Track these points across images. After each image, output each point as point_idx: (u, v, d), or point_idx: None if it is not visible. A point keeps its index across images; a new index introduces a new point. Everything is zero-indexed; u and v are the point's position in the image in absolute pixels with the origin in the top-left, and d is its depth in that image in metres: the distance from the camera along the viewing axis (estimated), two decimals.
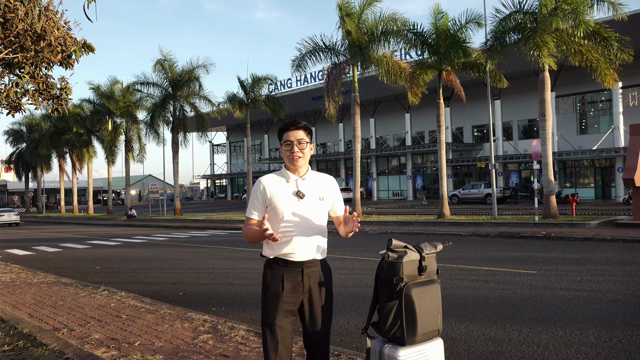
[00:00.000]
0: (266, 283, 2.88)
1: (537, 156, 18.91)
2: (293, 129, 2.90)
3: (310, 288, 2.85)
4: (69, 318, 6.22)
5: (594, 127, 38.01)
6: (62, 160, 50.25)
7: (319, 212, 2.88)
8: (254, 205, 2.89)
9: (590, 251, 11.54)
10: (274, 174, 2.95)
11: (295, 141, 2.86)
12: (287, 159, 2.89)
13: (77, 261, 13.30)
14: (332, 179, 3.05)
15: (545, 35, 17.50)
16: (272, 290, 2.83)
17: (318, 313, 2.86)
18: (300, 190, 2.85)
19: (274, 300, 2.81)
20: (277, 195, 2.84)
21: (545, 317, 5.95)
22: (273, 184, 2.89)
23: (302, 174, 2.91)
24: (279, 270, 2.85)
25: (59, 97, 10.18)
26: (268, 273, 2.88)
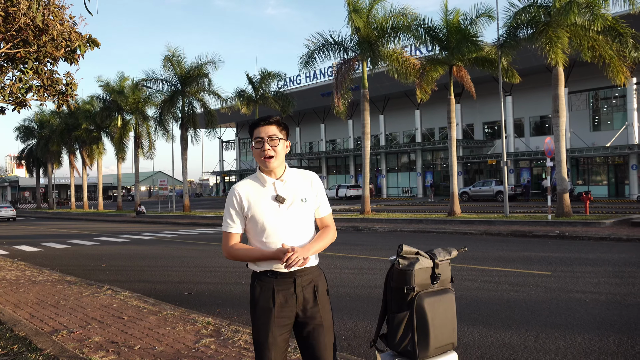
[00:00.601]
0: (255, 297, 2.57)
1: (551, 153, 18.54)
2: (264, 125, 2.57)
3: (305, 299, 2.56)
4: (69, 319, 6.07)
5: (607, 124, 37.41)
6: (72, 157, 50.44)
7: (303, 215, 2.59)
8: (231, 217, 2.58)
9: (606, 251, 11.24)
10: (248, 179, 2.64)
11: (266, 137, 2.55)
12: (258, 158, 2.58)
13: (84, 258, 13.21)
14: (314, 175, 2.72)
15: (559, 30, 17.11)
16: (262, 306, 2.54)
17: (318, 326, 2.57)
18: (280, 195, 2.57)
19: (265, 316, 2.53)
20: (255, 204, 2.55)
21: (562, 322, 5.71)
22: (249, 190, 2.58)
23: (279, 175, 2.61)
24: (269, 283, 2.54)
25: (64, 93, 10.05)
26: (257, 286, 2.57)
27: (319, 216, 2.72)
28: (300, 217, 2.58)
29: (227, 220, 2.60)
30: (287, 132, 2.67)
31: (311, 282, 2.59)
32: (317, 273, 2.64)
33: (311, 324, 2.56)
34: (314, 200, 2.66)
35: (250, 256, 2.55)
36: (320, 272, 2.68)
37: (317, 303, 2.58)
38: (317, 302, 2.59)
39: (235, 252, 2.57)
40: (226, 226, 2.60)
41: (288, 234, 2.54)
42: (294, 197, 2.59)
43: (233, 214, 2.58)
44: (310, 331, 2.56)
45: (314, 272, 2.63)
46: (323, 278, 2.68)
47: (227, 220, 2.60)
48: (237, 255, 2.57)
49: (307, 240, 2.59)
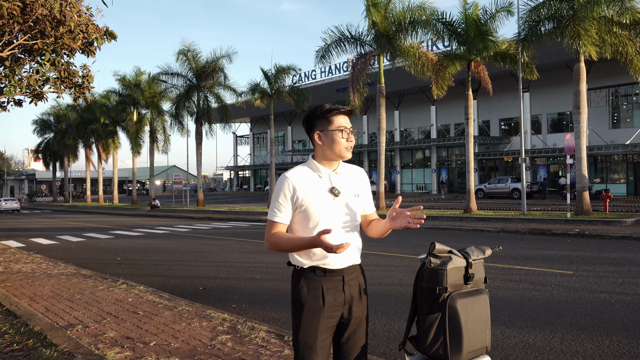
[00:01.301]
0: (301, 298, 2.41)
1: (571, 150, 18.20)
2: (345, 112, 2.48)
3: (352, 298, 2.45)
4: (85, 313, 6.02)
5: (627, 121, 36.75)
6: (88, 150, 50.87)
7: (354, 210, 2.49)
8: (281, 207, 2.42)
9: (628, 250, 10.97)
10: (302, 168, 2.49)
11: (349, 128, 2.47)
12: (340, 148, 2.44)
13: (99, 252, 13.23)
14: (364, 172, 2.65)
15: (587, 22, 16.69)
16: (310, 306, 2.39)
17: (358, 327, 2.47)
18: (335, 187, 2.45)
19: (314, 316, 2.38)
20: (310, 195, 2.40)
21: (587, 324, 5.52)
22: (304, 180, 2.43)
23: (335, 167, 2.50)
24: (317, 282, 2.41)
25: (80, 85, 10.02)
26: (303, 286, 2.41)
27: (366, 213, 2.62)
28: (351, 211, 2.48)
29: (275, 208, 2.44)
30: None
31: (357, 279, 2.51)
32: (360, 271, 2.56)
33: (354, 324, 2.47)
34: (364, 196, 2.58)
35: (294, 244, 2.38)
36: (361, 269, 2.59)
37: (362, 301, 2.50)
38: (362, 300, 2.50)
39: (276, 239, 2.41)
40: (272, 214, 2.44)
41: (340, 228, 2.43)
42: (348, 191, 2.49)
43: (282, 203, 2.42)
44: (353, 331, 2.47)
45: (358, 269, 2.54)
46: (364, 276, 2.59)
47: (274, 208, 2.44)
48: (278, 243, 2.40)
49: (356, 235, 2.51)
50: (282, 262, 10.47)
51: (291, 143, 61.65)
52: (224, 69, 32.24)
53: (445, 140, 43.17)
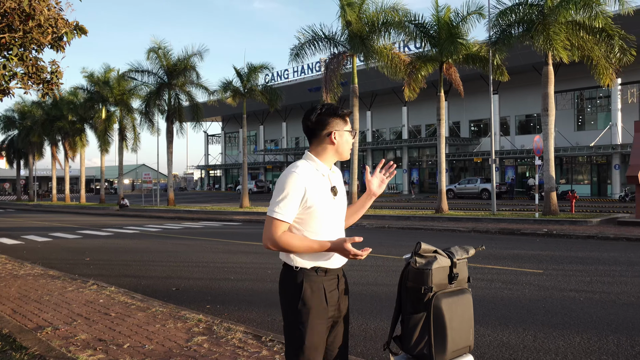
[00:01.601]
0: (306, 299, 2.34)
1: (539, 151, 18.61)
2: (348, 115, 2.52)
3: (340, 296, 2.47)
4: (54, 315, 5.85)
5: (591, 124, 37.82)
6: (54, 148, 49.58)
7: (345, 208, 2.56)
8: (289, 204, 2.32)
9: (594, 250, 11.27)
10: (308, 166, 2.42)
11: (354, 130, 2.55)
12: (344, 147, 2.47)
13: (67, 252, 12.90)
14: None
15: (556, 27, 17.06)
16: (316, 308, 2.34)
17: (342, 325, 2.50)
18: (335, 186, 2.47)
19: (320, 319, 2.35)
20: (318, 194, 2.36)
21: (558, 321, 5.65)
22: (313, 179, 2.38)
23: (331, 166, 2.51)
24: (319, 282, 2.38)
25: (49, 82, 9.73)
26: (307, 287, 2.35)
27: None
28: (344, 209, 2.54)
29: (282, 206, 2.31)
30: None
31: (343, 277, 2.54)
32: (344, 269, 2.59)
33: (340, 321, 2.50)
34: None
35: (308, 246, 2.33)
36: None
37: (346, 299, 2.53)
38: (346, 298, 2.54)
39: (288, 241, 2.31)
40: (279, 213, 2.31)
41: (338, 226, 2.48)
42: (341, 189, 2.53)
43: (293, 202, 2.32)
44: (339, 329, 2.50)
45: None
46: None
47: (282, 206, 2.31)
48: (290, 244, 2.30)
49: (344, 232, 2.54)
50: (256, 262, 10.40)
51: (263, 142, 61.36)
52: (196, 67, 31.85)
53: (417, 141, 43.64)
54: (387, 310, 6.27)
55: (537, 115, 39.03)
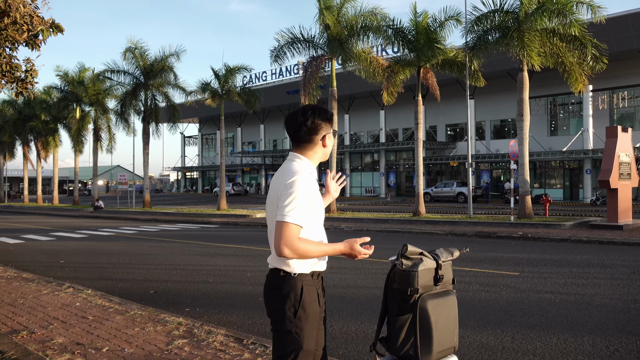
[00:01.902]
0: (305, 304, 2.34)
1: (515, 156, 18.92)
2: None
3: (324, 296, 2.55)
4: (29, 318, 5.72)
5: (564, 129, 38.63)
6: (26, 148, 48.46)
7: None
8: (305, 209, 2.30)
9: (568, 252, 11.51)
10: (307, 168, 2.43)
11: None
12: (329, 150, 2.57)
13: (40, 254, 12.63)
14: None
15: (532, 33, 17.41)
16: (313, 312, 2.37)
17: (323, 325, 2.52)
18: (321, 188, 2.55)
19: (315, 322, 2.39)
20: (317, 196, 2.40)
21: (535, 323, 5.75)
22: (313, 181, 2.39)
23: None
24: (314, 286, 2.41)
25: (23, 80, 9.54)
26: (306, 294, 2.35)
27: None
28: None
29: (301, 211, 2.27)
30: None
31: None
32: None
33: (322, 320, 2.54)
34: None
35: (323, 251, 2.34)
36: None
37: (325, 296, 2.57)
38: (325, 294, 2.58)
39: (306, 247, 2.27)
40: (294, 217, 2.25)
41: (323, 228, 2.52)
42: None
43: (304, 204, 2.29)
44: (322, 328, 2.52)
45: None
46: None
47: (302, 211, 2.27)
48: (307, 250, 2.27)
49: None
50: (234, 265, 10.34)
51: (241, 144, 61.06)
52: (173, 67, 31.50)
53: (394, 145, 43.96)
54: (368, 313, 6.30)
55: (512, 120, 39.73)
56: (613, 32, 28.62)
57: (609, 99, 35.48)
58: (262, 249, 12.71)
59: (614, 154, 15.91)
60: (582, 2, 17.11)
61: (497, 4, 18.62)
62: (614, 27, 28.40)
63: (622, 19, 29.20)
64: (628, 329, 5.46)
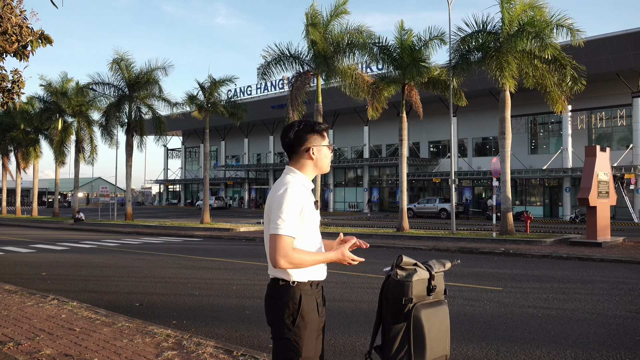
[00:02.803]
0: (304, 313, 2.41)
1: (497, 173, 19.23)
2: (326, 130, 2.65)
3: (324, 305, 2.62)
4: (14, 330, 5.67)
5: (544, 148, 39.34)
6: (5, 159, 47.71)
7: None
8: (294, 220, 2.37)
9: (549, 268, 11.71)
10: (298, 180, 2.52)
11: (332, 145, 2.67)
12: (324, 162, 2.61)
13: (21, 266, 12.45)
14: None
15: (509, 56, 17.89)
16: (312, 320, 2.42)
17: (322, 334, 2.58)
18: (317, 201, 2.62)
19: (314, 331, 2.44)
20: (310, 208, 2.47)
21: (519, 336, 5.87)
22: (305, 193, 2.47)
23: (311, 180, 2.66)
24: (313, 295, 2.48)
25: (9, 91, 9.51)
26: (305, 302, 2.41)
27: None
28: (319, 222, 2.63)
29: (291, 222, 2.35)
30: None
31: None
32: None
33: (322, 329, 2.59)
34: None
35: (315, 259, 2.41)
36: None
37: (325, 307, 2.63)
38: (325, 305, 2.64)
39: (301, 257, 2.35)
40: (288, 229, 2.34)
41: (320, 238, 2.58)
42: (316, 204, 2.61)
43: (293, 216, 2.36)
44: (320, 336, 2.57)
45: None
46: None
47: (291, 222, 2.35)
48: (301, 260, 2.35)
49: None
50: (220, 278, 10.32)
51: (224, 158, 60.92)
52: (159, 80, 31.45)
53: (377, 160, 44.29)
54: (355, 326, 6.36)
55: (493, 137, 40.36)
56: (591, 55, 29.40)
57: (588, 119, 36.29)
58: (246, 263, 12.70)
59: (592, 172, 16.28)
60: (562, 25, 17.59)
61: (480, 25, 19.07)
62: (592, 50, 29.18)
63: (600, 42, 30.03)
64: (609, 343, 5.60)
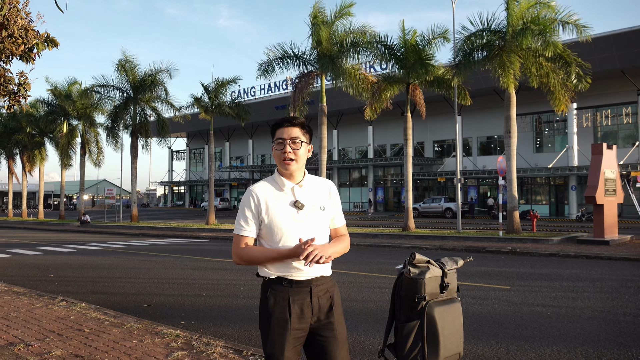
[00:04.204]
0: (268, 309, 2.42)
1: (503, 172, 19.17)
2: (287, 126, 2.47)
3: (320, 309, 2.46)
4: (24, 331, 5.69)
5: (549, 146, 39.19)
6: (11, 162, 47.95)
7: (321, 223, 2.51)
8: (247, 219, 2.45)
9: (557, 267, 11.66)
10: (266, 181, 2.53)
11: (288, 139, 2.45)
12: (277, 160, 2.48)
13: (29, 268, 12.49)
14: (332, 184, 2.65)
15: (513, 55, 17.82)
16: (277, 317, 2.40)
17: (333, 339, 2.47)
18: (299, 200, 2.47)
19: (281, 328, 2.39)
20: (273, 207, 2.44)
21: (529, 335, 5.84)
22: (267, 193, 2.47)
23: (299, 179, 2.52)
24: (284, 293, 2.42)
25: (16, 93, 9.55)
26: (270, 297, 2.43)
27: (335, 226, 2.64)
28: (317, 225, 2.49)
29: (241, 222, 2.47)
30: (311, 135, 2.59)
31: (327, 291, 2.51)
32: (331, 283, 2.57)
33: (325, 337, 2.47)
34: (331, 210, 2.59)
35: (267, 256, 2.41)
36: (334, 282, 2.60)
37: (332, 314, 2.49)
38: (333, 313, 2.50)
39: (248, 253, 2.43)
40: (239, 229, 2.47)
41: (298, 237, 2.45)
42: (313, 204, 2.50)
43: (248, 216, 2.46)
44: (324, 344, 2.46)
45: (329, 281, 2.55)
46: (337, 289, 2.60)
47: (240, 222, 2.47)
48: (250, 256, 2.43)
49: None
50: (227, 279, 10.33)
51: (229, 159, 61.01)
52: (164, 83, 31.54)
53: (382, 160, 44.24)
54: (363, 325, 6.35)
55: (498, 136, 40.26)
56: (597, 52, 29.27)
57: (593, 117, 36.14)
58: None
59: (599, 170, 16.21)
60: (568, 22, 17.52)
61: (484, 24, 19.01)
62: (598, 48, 29.06)
63: (605, 39, 29.91)
64: (619, 341, 5.57)
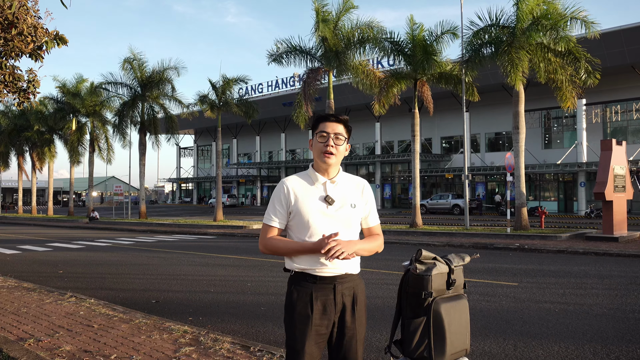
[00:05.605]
0: (292, 302, 2.46)
1: (511, 168, 19.09)
2: (333, 121, 2.52)
3: (344, 307, 2.47)
4: (34, 327, 5.74)
5: (557, 142, 38.96)
6: (21, 159, 48.34)
7: (350, 220, 2.50)
8: (276, 211, 2.49)
9: (565, 263, 11.61)
10: (298, 176, 2.56)
11: (332, 134, 2.49)
12: (318, 153, 2.49)
13: (38, 264, 12.61)
14: (366, 183, 2.67)
15: (521, 51, 17.69)
16: (299, 312, 2.42)
17: (351, 338, 2.48)
18: (330, 195, 2.48)
19: (302, 323, 2.41)
20: (303, 200, 2.46)
21: (536, 331, 5.82)
22: (298, 186, 2.50)
23: (332, 175, 2.54)
24: (307, 288, 2.44)
25: (25, 90, 9.61)
26: (293, 291, 2.46)
27: (367, 225, 2.64)
28: (347, 221, 2.50)
29: (270, 212, 2.52)
30: (350, 135, 2.61)
31: (352, 289, 2.52)
32: (358, 281, 2.57)
33: (346, 335, 2.48)
34: (363, 208, 2.59)
35: (290, 248, 2.44)
36: (361, 280, 2.60)
37: (355, 313, 2.50)
38: (355, 311, 2.51)
39: (273, 243, 2.47)
40: (268, 219, 2.52)
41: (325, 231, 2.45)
42: (344, 201, 2.51)
43: (277, 208, 2.50)
44: (344, 343, 2.48)
45: (355, 279, 2.55)
46: (363, 287, 2.60)
47: (269, 212, 2.52)
48: (274, 246, 2.46)
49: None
50: (235, 275, 10.37)
51: (236, 156, 61.14)
52: (172, 80, 31.63)
53: (389, 157, 44.17)
54: (370, 321, 6.32)
55: (506, 133, 40.06)
56: (606, 48, 29.05)
57: (602, 112, 35.87)
58: (260, 260, 12.74)
59: (609, 166, 16.09)
60: (576, 17, 17.38)
61: (493, 19, 18.90)
62: (607, 43, 28.84)
63: (615, 34, 29.65)
64: (628, 338, 5.54)
